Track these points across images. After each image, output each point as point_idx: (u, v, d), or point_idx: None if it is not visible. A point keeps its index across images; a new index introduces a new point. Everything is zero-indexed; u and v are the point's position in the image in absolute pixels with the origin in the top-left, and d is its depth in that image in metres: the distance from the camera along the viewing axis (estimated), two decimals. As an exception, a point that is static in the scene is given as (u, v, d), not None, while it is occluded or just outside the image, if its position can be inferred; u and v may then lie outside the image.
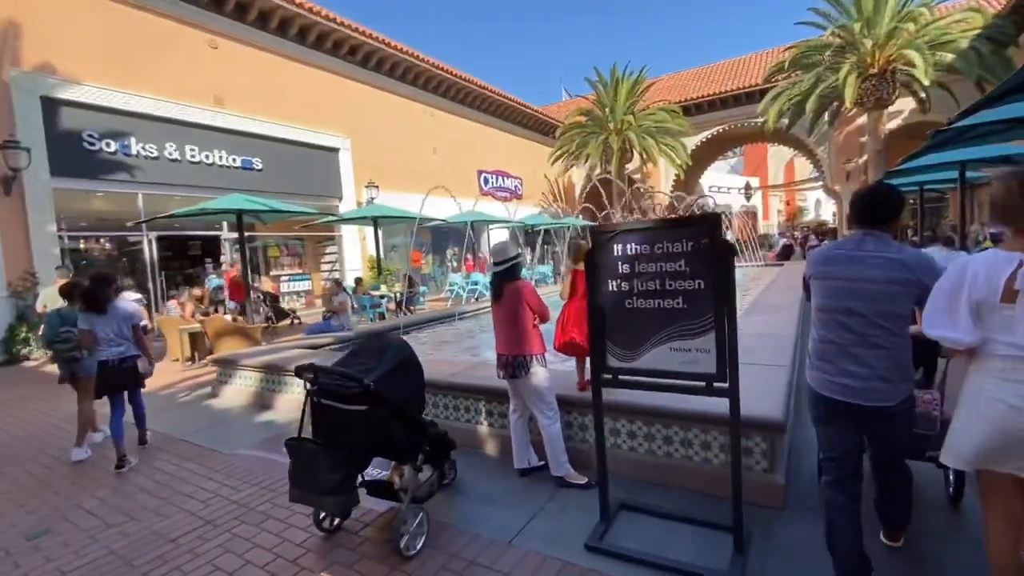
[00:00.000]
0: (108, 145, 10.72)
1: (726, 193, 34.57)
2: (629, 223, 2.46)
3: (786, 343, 4.48)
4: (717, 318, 2.27)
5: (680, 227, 2.34)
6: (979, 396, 1.69)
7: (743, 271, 17.26)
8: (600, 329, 2.57)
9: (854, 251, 2.07)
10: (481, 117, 21.80)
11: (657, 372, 2.44)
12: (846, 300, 2.04)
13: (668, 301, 2.38)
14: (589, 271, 2.59)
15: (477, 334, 8.09)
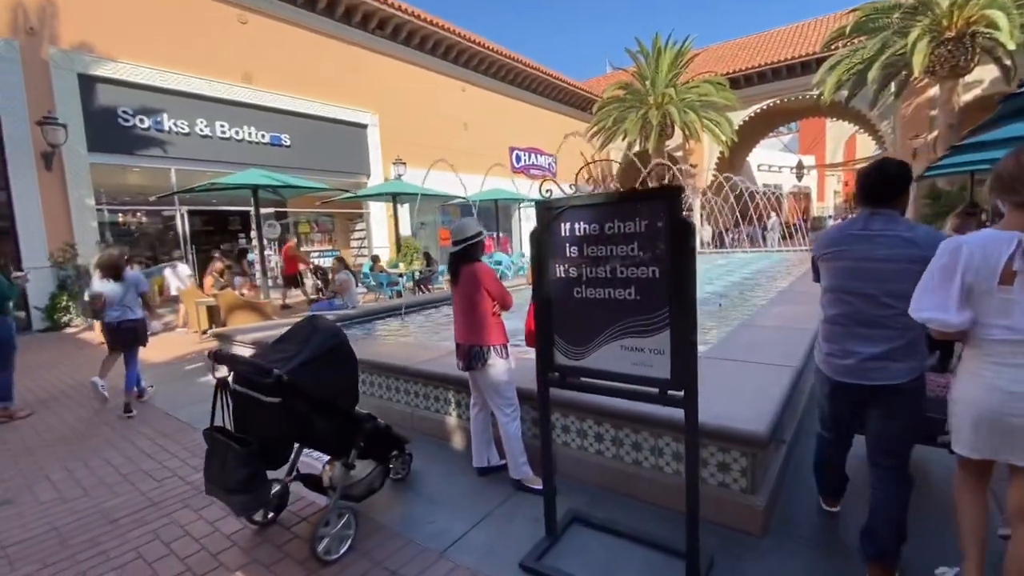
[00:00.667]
0: (142, 121, 11.00)
1: (776, 172, 32.58)
2: (578, 196, 2.10)
3: (802, 339, 3.97)
4: (672, 314, 1.90)
5: (633, 203, 1.96)
6: (974, 382, 1.66)
7: (784, 256, 16.17)
8: (546, 321, 2.24)
9: (862, 230, 2.04)
10: (515, 92, 21.23)
11: (607, 374, 2.10)
12: (854, 280, 2.03)
13: (620, 291, 2.02)
14: (535, 254, 2.25)
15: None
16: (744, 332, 4.37)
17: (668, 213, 1.86)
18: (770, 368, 3.23)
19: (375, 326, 6.61)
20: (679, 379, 1.91)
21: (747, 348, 3.76)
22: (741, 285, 9.59)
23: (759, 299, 7.72)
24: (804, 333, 4.15)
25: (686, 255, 1.84)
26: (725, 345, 3.97)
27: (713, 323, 6.14)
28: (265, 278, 9.40)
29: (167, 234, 12.83)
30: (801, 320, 4.63)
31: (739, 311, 6.57)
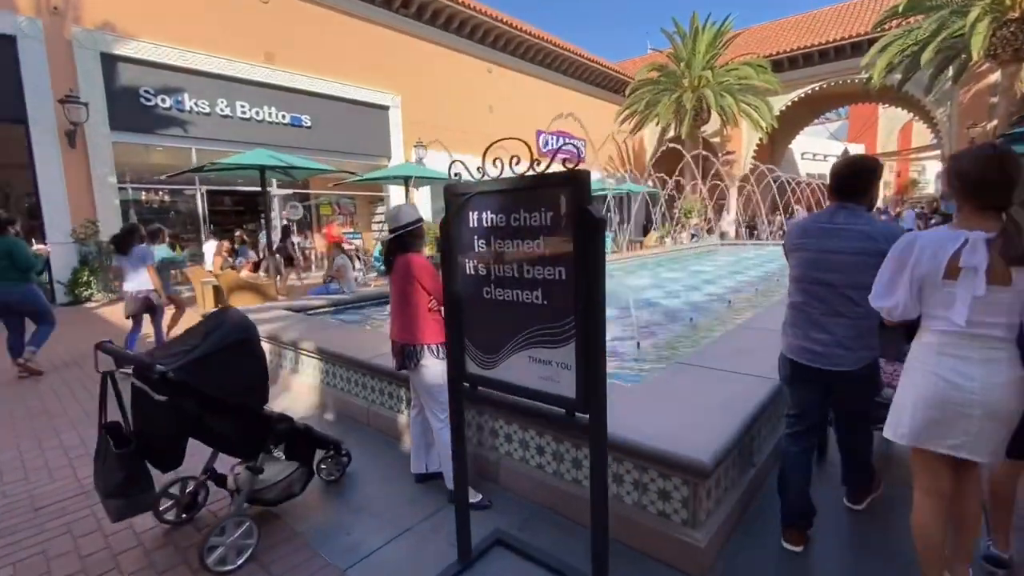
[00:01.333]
0: (163, 101, 11.15)
1: (821, 161, 30.88)
2: (487, 180, 1.82)
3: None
4: (578, 324, 1.60)
5: (537, 190, 1.67)
6: (917, 370, 1.74)
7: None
8: (456, 324, 1.98)
9: (827, 223, 2.15)
10: (543, 73, 20.65)
11: (513, 387, 1.82)
12: (817, 271, 2.14)
13: (527, 293, 1.74)
14: (443, 246, 1.99)
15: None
16: (736, 336, 3.99)
17: (573, 203, 1.55)
18: (750, 380, 2.88)
19: (369, 313, 6.48)
20: (585, 400, 1.62)
21: (732, 355, 3.39)
22: (763, 281, 9.04)
23: (775, 296, 7.21)
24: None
25: (594, 254, 1.53)
26: (709, 350, 3.61)
27: (717, 322, 5.73)
28: (273, 259, 9.42)
29: (187, 213, 13.07)
30: None
31: (744, 312, 6.13)
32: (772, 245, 17.79)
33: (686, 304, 6.62)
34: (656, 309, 6.32)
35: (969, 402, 1.61)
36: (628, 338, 5.00)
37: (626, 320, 5.66)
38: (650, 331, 5.22)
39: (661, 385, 2.88)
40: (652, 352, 4.51)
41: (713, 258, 14.36)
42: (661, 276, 10.11)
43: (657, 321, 5.70)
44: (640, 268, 11.68)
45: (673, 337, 5.04)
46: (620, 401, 2.40)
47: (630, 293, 7.58)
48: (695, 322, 5.67)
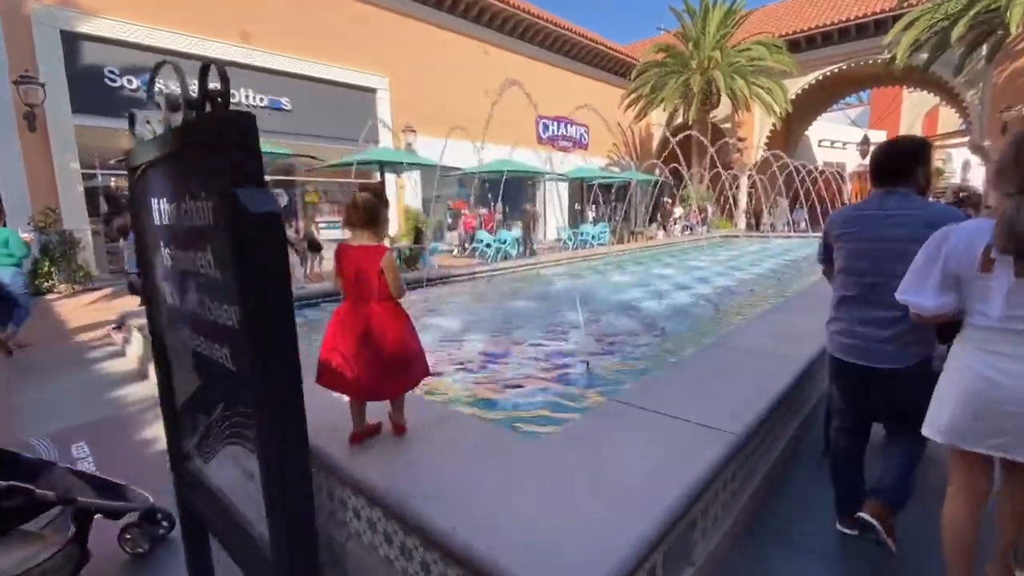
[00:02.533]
0: (130, 82, 10.59)
1: (840, 149, 29.48)
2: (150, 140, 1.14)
3: (779, 369, 2.87)
4: (259, 411, 0.92)
5: (188, 153, 1.00)
6: (956, 367, 1.69)
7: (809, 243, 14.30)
8: (166, 374, 1.30)
9: (876, 210, 2.04)
10: (544, 55, 19.72)
11: (221, 506, 1.14)
12: (868, 261, 2.03)
13: (214, 346, 1.05)
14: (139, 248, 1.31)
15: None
16: (701, 357, 3.27)
17: (221, 180, 0.86)
18: (695, 432, 2.17)
19: (302, 314, 5.85)
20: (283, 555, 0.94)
21: (687, 387, 2.69)
22: (763, 280, 8.24)
23: (774, 298, 6.43)
24: (786, 361, 3.02)
25: (270, 281, 0.84)
26: (660, 380, 2.91)
27: (693, 335, 4.99)
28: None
29: None
30: (794, 337, 3.47)
31: (731, 319, 5.39)
32: (782, 239, 16.82)
33: (669, 308, 5.88)
34: (633, 314, 5.60)
35: (1008, 399, 1.54)
36: (591, 354, 4.29)
37: (590, 329, 4.96)
38: (613, 345, 4.50)
39: (576, 442, 2.19)
40: (604, 377, 3.78)
41: (715, 252, 13.51)
42: (649, 273, 9.33)
43: (628, 330, 4.99)
44: (630, 263, 10.94)
45: (637, 353, 4.31)
46: (516, 466, 1.74)
47: (611, 293, 6.86)
48: (666, 333, 4.91)
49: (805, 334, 3.51)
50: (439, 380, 3.67)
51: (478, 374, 3.76)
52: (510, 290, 7.55)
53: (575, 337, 4.59)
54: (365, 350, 1.91)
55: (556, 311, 5.60)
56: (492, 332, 4.84)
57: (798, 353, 3.17)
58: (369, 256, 1.96)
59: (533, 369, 3.84)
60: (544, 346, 4.38)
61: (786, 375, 2.80)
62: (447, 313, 5.72)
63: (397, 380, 2.01)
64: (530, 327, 4.97)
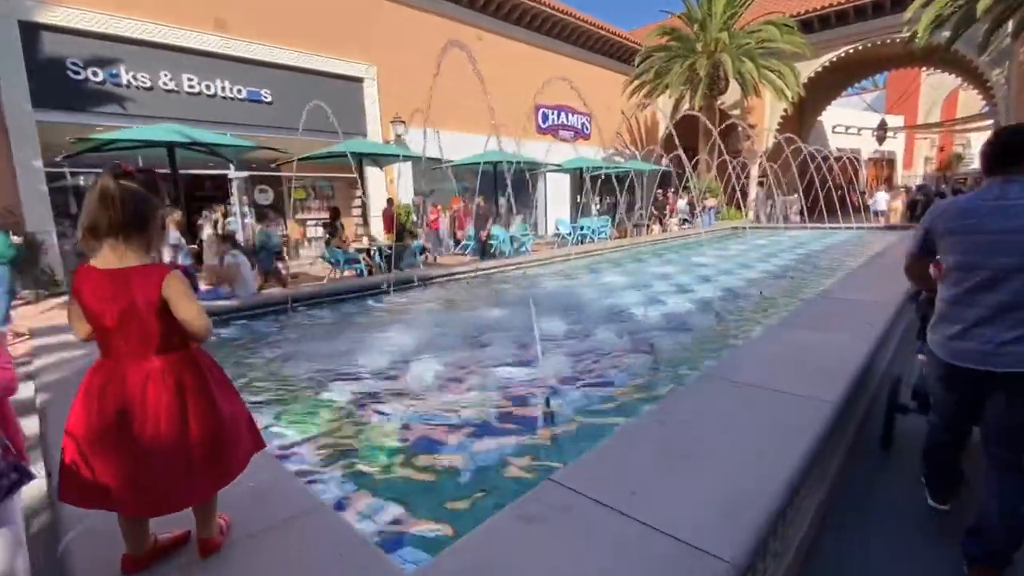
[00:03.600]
0: (95, 74, 9.99)
1: (855, 135, 28.32)
2: None
3: (809, 418, 2.16)
4: None
5: None
6: None
7: (822, 235, 13.28)
8: None
9: (997, 200, 1.86)
10: (543, 41, 18.86)
11: None
12: (992, 255, 1.84)
13: None
14: None
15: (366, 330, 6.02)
16: (690, 400, 2.55)
17: None
18: (675, 559, 1.48)
19: (261, 330, 5.20)
20: None
21: (662, 463, 1.99)
22: (771, 281, 7.47)
23: (782, 305, 5.68)
24: (807, 408, 2.30)
25: None
26: (629, 446, 2.20)
27: (687, 352, 4.27)
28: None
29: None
30: (816, 369, 2.74)
31: (734, 332, 4.66)
32: (797, 230, 15.93)
33: (663, 317, 5.14)
34: (621, 325, 4.88)
35: None
36: (557, 387, 3.58)
37: (567, 347, 4.26)
38: (591, 370, 3.76)
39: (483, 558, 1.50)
40: (563, 426, 3.05)
41: (723, 246, 12.71)
42: (646, 272, 8.55)
43: (612, 347, 4.26)
44: (629, 260, 10.19)
45: (617, 381, 3.56)
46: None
47: (600, 296, 6.14)
48: (654, 352, 4.15)
49: (829, 361, 2.79)
50: (358, 421, 3.00)
51: (410, 412, 3.06)
52: (488, 295, 6.88)
53: (546, 358, 3.89)
54: (137, 441, 1.22)
55: (531, 323, 4.90)
56: (450, 351, 4.16)
57: (822, 395, 2.42)
58: (139, 282, 1.27)
59: (481, 408, 3.09)
60: (503, 372, 3.64)
61: (807, 434, 2.07)
62: (407, 325, 5.03)
63: (199, 481, 1.32)
64: (499, 344, 4.30)
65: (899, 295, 4.50)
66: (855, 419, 2.81)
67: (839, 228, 15.15)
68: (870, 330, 3.35)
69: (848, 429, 2.68)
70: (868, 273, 5.89)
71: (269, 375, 3.74)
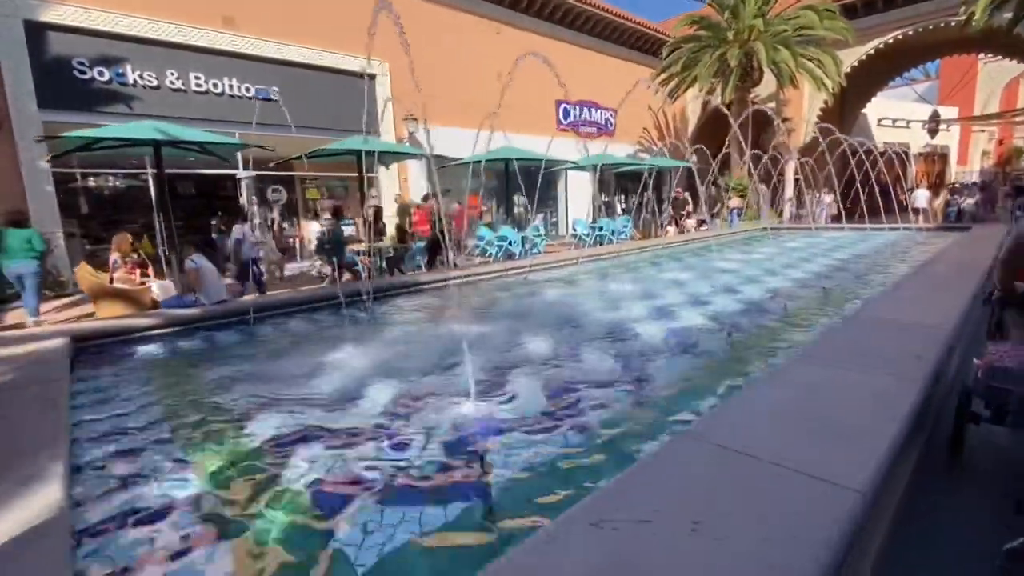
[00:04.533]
0: (101, 74, 9.89)
1: (903, 128, 26.48)
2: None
3: (823, 513, 1.51)
4: None
5: None
6: None
7: (860, 237, 12.02)
8: None
9: None
10: (563, 34, 18.16)
11: None
12: None
13: None
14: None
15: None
16: (668, 466, 1.91)
17: None
18: None
19: (224, 344, 4.76)
20: None
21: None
22: (800, 293, 6.64)
23: (807, 322, 4.91)
24: (827, 498, 1.64)
25: None
26: (561, 548, 1.59)
27: (677, 392, 3.59)
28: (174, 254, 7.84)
29: (137, 201, 11.89)
30: (839, 430, 2.05)
31: (743, 361, 3.95)
32: (834, 231, 14.76)
33: (662, 340, 4.39)
34: (611, 350, 4.20)
35: None
36: (527, 427, 2.96)
37: (551, 376, 3.63)
38: (563, 409, 3.09)
39: None
40: (510, 494, 2.30)
41: (752, 249, 11.79)
42: (659, 279, 7.78)
43: (596, 377, 3.61)
44: (645, 264, 9.46)
45: (588, 427, 2.88)
46: None
47: (599, 310, 5.50)
48: (642, 387, 3.45)
49: (860, 418, 2.10)
50: (262, 470, 2.48)
51: (328, 462, 2.48)
52: (478, 305, 6.32)
53: (519, 394, 3.29)
54: None
55: (514, 343, 4.31)
56: (407, 378, 3.59)
57: (847, 479, 1.71)
58: None
59: (415, 460, 2.49)
60: (454, 412, 3.04)
61: (820, 550, 1.41)
62: (372, 344, 4.50)
63: None
64: (464, 370, 3.73)
65: (956, 314, 3.72)
66: (897, 491, 2.13)
67: (881, 229, 13.90)
68: (919, 366, 2.64)
69: (890, 501, 2.02)
70: (915, 285, 5.06)
71: (197, 401, 3.30)
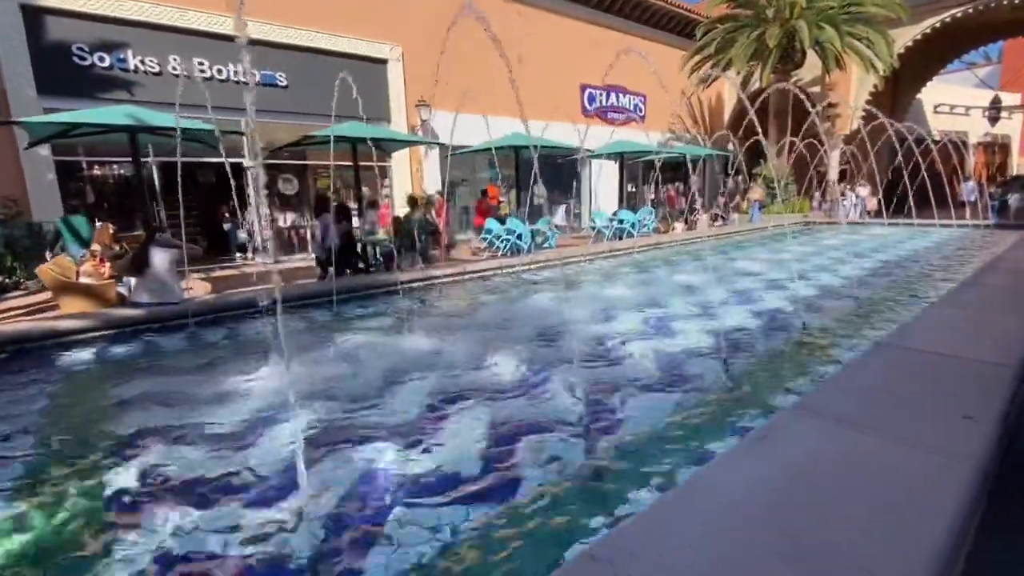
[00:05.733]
0: (101, 59, 9.68)
1: (961, 115, 24.34)
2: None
3: None
4: None
5: None
6: None
7: (907, 235, 10.68)
8: None
9: None
10: (590, 15, 17.20)
11: None
12: None
13: None
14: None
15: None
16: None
17: None
18: None
19: (155, 347, 4.32)
20: None
21: None
22: (830, 303, 5.79)
23: (833, 346, 4.12)
24: None
25: None
26: None
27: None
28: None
29: (135, 189, 11.68)
30: (846, 516, 1.38)
31: (743, 399, 3.23)
32: (879, 227, 13.49)
33: (651, 365, 3.70)
34: (589, 375, 3.53)
35: None
36: (447, 491, 2.33)
37: (495, 414, 3.00)
38: (493, 469, 2.41)
39: None
40: None
41: (783, 246, 10.79)
42: (670, 282, 6.94)
43: (550, 417, 2.96)
44: (659, 263, 8.66)
45: (517, 499, 2.23)
46: None
47: (587, 322, 4.83)
48: (613, 435, 2.74)
49: (859, 546, 1.41)
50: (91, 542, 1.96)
51: (179, 538, 1.94)
52: (466, 307, 5.74)
53: (449, 442, 2.66)
54: None
55: (473, 365, 3.68)
56: (333, 408, 3.04)
57: None
58: None
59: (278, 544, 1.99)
60: (359, 467, 2.46)
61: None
62: (316, 359, 3.94)
63: None
64: (401, 399, 3.15)
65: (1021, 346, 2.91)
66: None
67: (931, 226, 12.56)
68: (971, 434, 1.92)
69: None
70: (968, 300, 4.19)
71: (78, 428, 2.85)
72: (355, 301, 5.77)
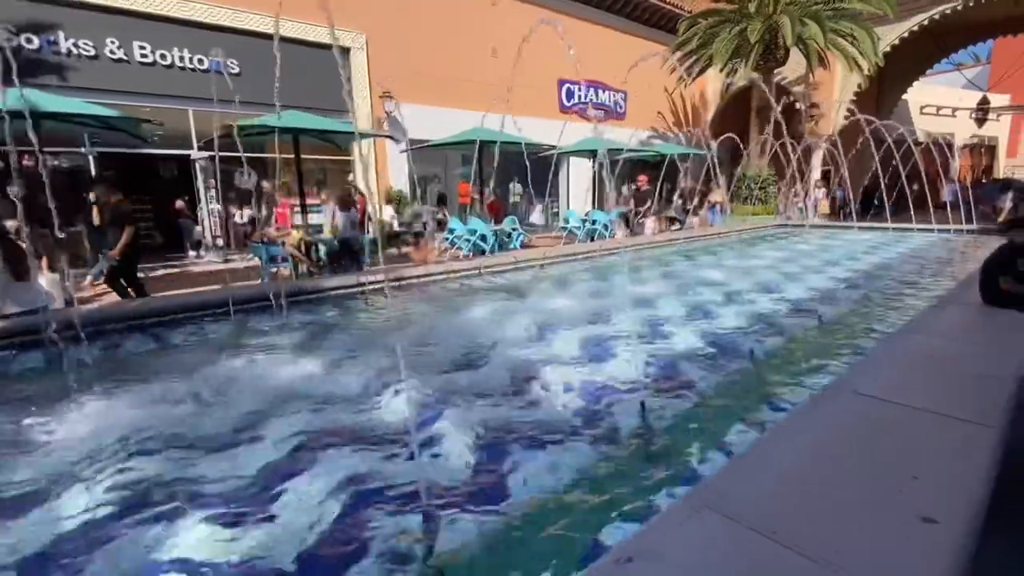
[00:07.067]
0: (29, 41, 8.97)
1: (948, 117, 24.08)
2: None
3: None
4: None
5: None
6: None
7: (884, 240, 10.18)
8: None
9: None
10: (568, 7, 16.63)
11: None
12: None
13: None
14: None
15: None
16: None
17: None
18: None
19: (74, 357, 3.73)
20: None
21: None
22: (790, 321, 5.29)
23: (791, 368, 3.63)
24: None
25: None
26: None
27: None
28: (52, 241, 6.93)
29: (73, 183, 10.97)
30: None
31: (677, 442, 2.70)
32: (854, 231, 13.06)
33: (583, 401, 3.15)
34: (494, 414, 3.00)
35: None
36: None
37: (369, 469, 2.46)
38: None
39: None
40: None
41: (754, 253, 10.32)
42: (625, 292, 6.33)
43: (442, 469, 2.45)
44: (623, 269, 8.14)
45: None
46: None
47: (519, 343, 4.28)
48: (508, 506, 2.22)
49: None
50: None
51: None
52: (402, 318, 5.19)
53: (281, 513, 2.14)
54: None
55: (364, 398, 3.11)
56: (202, 443, 2.53)
57: None
58: None
59: None
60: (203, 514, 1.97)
61: None
62: (206, 380, 3.41)
63: None
64: (278, 431, 2.62)
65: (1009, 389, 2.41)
66: None
67: (908, 230, 12.13)
68: (946, 533, 1.40)
69: None
70: (939, 324, 3.70)
71: None
72: (258, 313, 5.15)
